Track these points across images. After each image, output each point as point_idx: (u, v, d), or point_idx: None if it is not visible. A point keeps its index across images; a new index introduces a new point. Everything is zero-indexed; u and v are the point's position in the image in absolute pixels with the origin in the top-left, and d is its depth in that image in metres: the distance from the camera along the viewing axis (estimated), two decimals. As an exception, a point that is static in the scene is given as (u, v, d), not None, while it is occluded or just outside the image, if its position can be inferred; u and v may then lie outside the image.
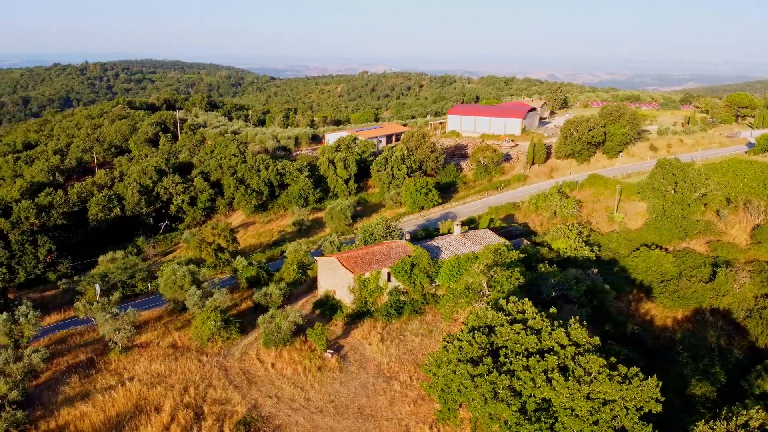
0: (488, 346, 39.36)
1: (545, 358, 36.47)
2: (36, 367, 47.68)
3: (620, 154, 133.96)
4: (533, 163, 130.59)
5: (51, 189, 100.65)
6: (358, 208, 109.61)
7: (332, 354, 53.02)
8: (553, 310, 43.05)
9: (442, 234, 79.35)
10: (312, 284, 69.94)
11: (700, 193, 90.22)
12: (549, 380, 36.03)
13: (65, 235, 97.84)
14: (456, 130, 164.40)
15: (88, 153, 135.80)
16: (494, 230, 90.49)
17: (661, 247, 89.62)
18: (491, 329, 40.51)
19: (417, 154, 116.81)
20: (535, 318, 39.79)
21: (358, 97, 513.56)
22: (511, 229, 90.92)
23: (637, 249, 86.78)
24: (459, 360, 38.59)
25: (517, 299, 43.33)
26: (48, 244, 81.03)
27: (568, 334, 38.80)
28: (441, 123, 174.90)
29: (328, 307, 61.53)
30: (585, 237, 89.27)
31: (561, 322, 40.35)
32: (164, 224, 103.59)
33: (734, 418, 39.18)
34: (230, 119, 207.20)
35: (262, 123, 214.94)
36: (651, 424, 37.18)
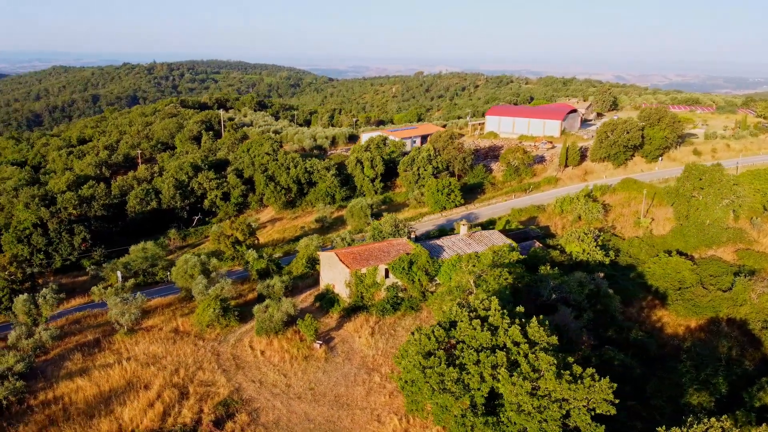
0: (446, 340, 40.44)
1: (495, 354, 37.28)
2: (45, 344, 52.09)
3: (660, 158, 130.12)
4: (566, 166, 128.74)
5: (94, 182, 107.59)
6: (383, 207, 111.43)
7: (321, 344, 55.08)
8: (520, 309, 43.61)
9: (454, 234, 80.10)
10: (319, 278, 72.31)
11: (728, 199, 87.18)
12: (497, 375, 36.85)
13: (105, 225, 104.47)
14: (494, 131, 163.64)
15: (136, 149, 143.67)
16: (509, 232, 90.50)
17: (685, 254, 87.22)
18: (453, 325, 41.54)
19: (444, 155, 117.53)
20: (494, 315, 40.53)
21: (412, 97, 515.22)
22: (527, 231, 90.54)
23: (658, 255, 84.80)
24: (418, 352, 39.86)
25: (485, 297, 44.16)
26: (83, 233, 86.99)
27: (524, 332, 39.39)
28: (480, 124, 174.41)
29: (326, 300, 63.70)
30: (604, 241, 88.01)
31: (523, 321, 40.89)
32: (197, 218, 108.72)
33: (694, 426, 38.80)
34: (277, 119, 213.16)
35: (308, 123, 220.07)
36: (603, 426, 37.35)
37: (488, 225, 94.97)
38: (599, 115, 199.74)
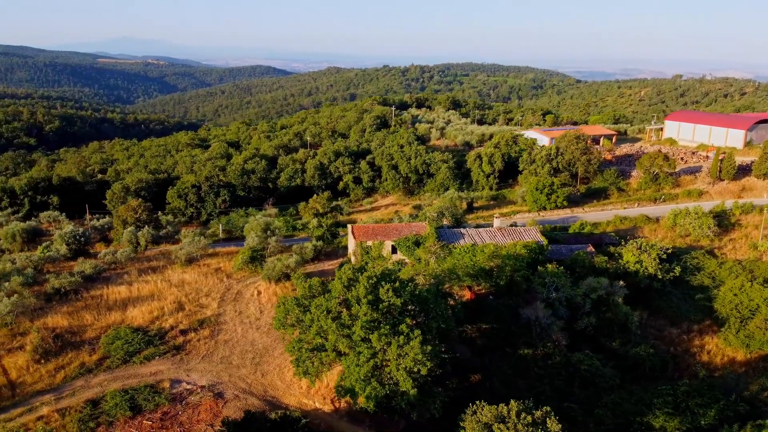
0: (320, 288, 47.70)
1: (330, 301, 43.76)
2: (120, 261, 71.64)
3: None
4: (720, 179, 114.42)
5: (258, 159, 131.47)
6: (491, 203, 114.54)
7: (306, 296, 65.05)
8: (403, 276, 48.23)
9: (485, 226, 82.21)
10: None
11: None
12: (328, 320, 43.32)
13: (261, 194, 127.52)
14: (673, 137, 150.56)
15: (316, 137, 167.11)
16: (581, 235, 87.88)
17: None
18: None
19: (567, 155, 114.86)
20: (362, 277, 46.39)
21: (661, 102, 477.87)
22: (602, 237, 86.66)
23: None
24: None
25: (386, 269, 49.81)
26: (225, 195, 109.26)
27: (375, 292, 44.53)
28: (660, 129, 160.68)
29: (342, 266, 73.09)
30: (689, 259, 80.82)
31: (382, 284, 45.74)
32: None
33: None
34: (465, 117, 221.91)
35: (496, 122, 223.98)
36: (412, 380, 41.11)
37: (565, 228, 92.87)
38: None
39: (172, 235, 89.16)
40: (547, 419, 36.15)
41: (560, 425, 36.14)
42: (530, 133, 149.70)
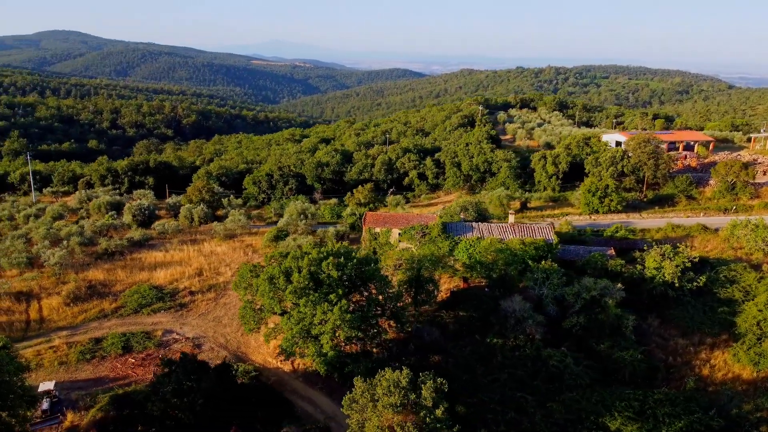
0: (280, 259, 53.35)
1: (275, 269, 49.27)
2: (168, 232, 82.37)
3: None
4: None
5: (333, 153, 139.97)
6: (550, 203, 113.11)
7: (311, 273, 71.00)
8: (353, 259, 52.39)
9: (499, 222, 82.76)
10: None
11: None
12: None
13: (333, 186, 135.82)
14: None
15: (402, 135, 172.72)
16: (612, 239, 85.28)
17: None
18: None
19: (633, 159, 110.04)
20: (314, 251, 51.40)
21: None
22: (636, 242, 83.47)
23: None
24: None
25: (347, 245, 54.59)
26: (291, 184, 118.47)
27: (319, 266, 49.33)
28: (766, 138, 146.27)
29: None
30: (728, 270, 76.16)
31: (329, 259, 50.22)
32: (391, 190, 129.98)
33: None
34: (570, 119, 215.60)
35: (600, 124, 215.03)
36: (331, 343, 45.51)
37: (600, 232, 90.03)
38: None
39: (227, 215, 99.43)
40: (423, 387, 38.82)
41: (434, 394, 38.57)
42: (613, 136, 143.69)
